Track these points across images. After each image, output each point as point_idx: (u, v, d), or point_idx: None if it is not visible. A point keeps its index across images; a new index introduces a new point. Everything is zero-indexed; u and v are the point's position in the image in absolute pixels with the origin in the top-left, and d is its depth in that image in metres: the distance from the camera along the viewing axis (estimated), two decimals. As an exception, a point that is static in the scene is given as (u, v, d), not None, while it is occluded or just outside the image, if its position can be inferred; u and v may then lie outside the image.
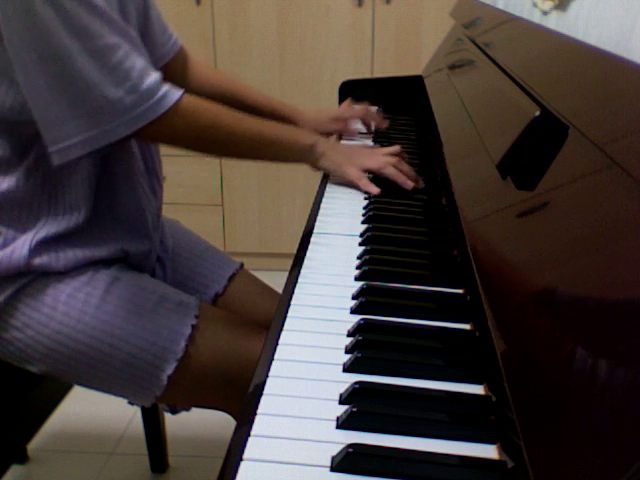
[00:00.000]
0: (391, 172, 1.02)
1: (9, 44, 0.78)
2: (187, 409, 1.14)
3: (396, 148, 1.08)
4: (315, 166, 1.01)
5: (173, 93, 0.86)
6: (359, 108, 1.33)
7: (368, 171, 1.03)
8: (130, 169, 0.95)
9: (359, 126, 1.35)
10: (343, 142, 1.29)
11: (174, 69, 1.14)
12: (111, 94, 0.80)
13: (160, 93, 0.84)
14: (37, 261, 0.88)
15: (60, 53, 0.77)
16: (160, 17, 1.08)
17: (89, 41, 0.78)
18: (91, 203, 0.91)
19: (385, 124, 1.35)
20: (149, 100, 0.83)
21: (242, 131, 0.93)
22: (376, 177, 1.04)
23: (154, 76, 0.84)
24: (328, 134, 1.26)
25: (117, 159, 0.93)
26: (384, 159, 1.03)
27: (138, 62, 0.83)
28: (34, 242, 0.87)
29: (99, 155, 0.89)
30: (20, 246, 0.87)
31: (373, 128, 1.35)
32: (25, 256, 0.87)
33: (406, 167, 1.05)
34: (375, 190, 1.00)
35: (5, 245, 0.88)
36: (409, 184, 1.02)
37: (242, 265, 1.16)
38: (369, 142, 1.31)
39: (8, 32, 0.77)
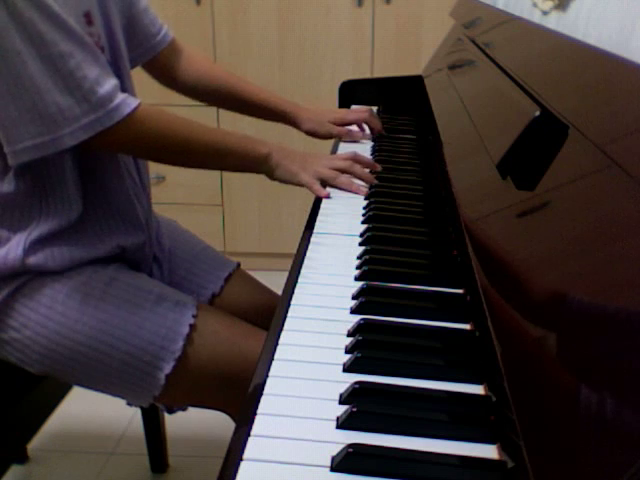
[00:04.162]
0: (343, 182, 1.01)
1: None
2: (184, 408, 1.14)
3: (350, 153, 1.07)
4: (271, 177, 0.99)
5: (127, 104, 0.84)
6: (362, 110, 1.32)
7: (322, 180, 1.01)
8: (117, 162, 0.94)
9: (355, 127, 1.33)
10: (342, 145, 1.28)
11: (165, 62, 1.14)
12: (62, 102, 0.79)
13: (112, 104, 0.82)
14: (32, 260, 0.88)
15: (12, 57, 0.76)
16: (148, 8, 1.07)
17: (42, 47, 0.77)
18: (83, 199, 0.91)
19: (381, 130, 1.34)
20: (100, 110, 0.81)
21: (196, 141, 0.92)
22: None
23: (108, 86, 0.82)
24: (328, 136, 1.25)
25: (103, 155, 0.93)
26: (337, 167, 1.02)
27: (92, 71, 0.81)
28: (28, 241, 0.87)
29: (71, 154, 0.88)
30: (15, 246, 0.87)
31: (368, 132, 1.34)
32: (20, 256, 0.87)
33: (359, 170, 1.04)
34: (324, 194, 0.99)
35: (-1, 246, 0.88)
36: (362, 191, 1.02)
37: (239, 265, 1.15)
38: (368, 143, 1.31)
39: None
